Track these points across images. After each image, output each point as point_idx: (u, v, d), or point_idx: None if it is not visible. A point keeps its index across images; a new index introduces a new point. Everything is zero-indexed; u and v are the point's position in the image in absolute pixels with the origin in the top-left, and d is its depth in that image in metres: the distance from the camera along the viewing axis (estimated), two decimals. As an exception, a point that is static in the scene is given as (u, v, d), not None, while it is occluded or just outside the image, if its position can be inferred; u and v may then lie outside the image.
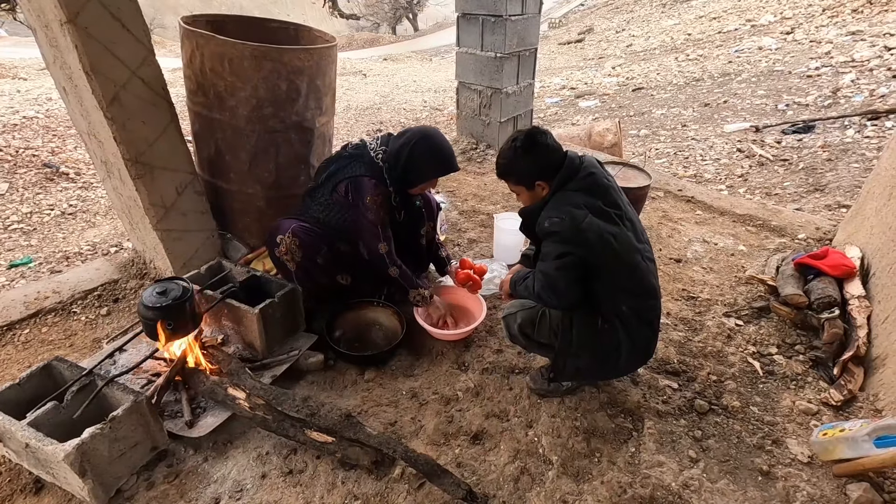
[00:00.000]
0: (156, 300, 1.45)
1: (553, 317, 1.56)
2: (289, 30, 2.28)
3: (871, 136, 4.07)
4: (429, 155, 1.77)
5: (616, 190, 1.50)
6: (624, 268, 1.43)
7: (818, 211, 3.20)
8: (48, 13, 1.55)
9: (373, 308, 2.00)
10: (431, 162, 1.77)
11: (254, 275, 1.87)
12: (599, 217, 1.40)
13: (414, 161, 1.75)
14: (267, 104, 1.92)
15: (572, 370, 1.59)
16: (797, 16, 8.25)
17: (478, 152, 3.69)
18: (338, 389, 1.72)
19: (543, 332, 1.58)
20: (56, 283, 2.11)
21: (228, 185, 2.13)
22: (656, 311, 1.52)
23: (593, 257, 1.39)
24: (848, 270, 1.97)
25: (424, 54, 14.76)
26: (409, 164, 1.76)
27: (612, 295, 1.45)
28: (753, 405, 1.66)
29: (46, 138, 5.59)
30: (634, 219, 1.52)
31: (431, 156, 1.77)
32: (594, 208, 1.41)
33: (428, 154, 1.76)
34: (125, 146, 1.73)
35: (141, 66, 1.70)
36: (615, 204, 1.46)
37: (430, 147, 1.76)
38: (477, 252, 2.51)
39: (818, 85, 5.35)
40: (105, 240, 3.85)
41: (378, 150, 1.80)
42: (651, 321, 1.51)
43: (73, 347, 1.88)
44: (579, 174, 1.45)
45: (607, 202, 1.44)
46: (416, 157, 1.75)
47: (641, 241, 1.50)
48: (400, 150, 1.76)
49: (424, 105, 7.72)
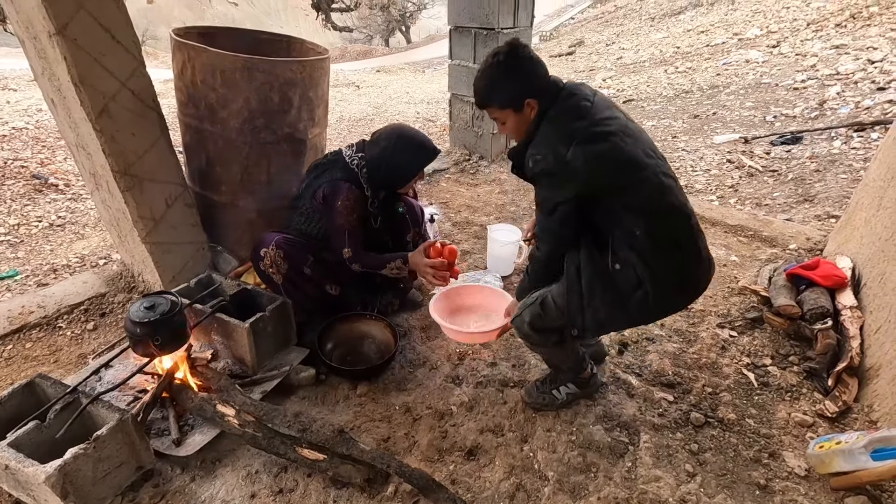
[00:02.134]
0: (143, 315, 1.42)
1: (556, 293, 1.43)
2: (281, 42, 2.28)
3: (857, 147, 4.13)
4: (411, 149, 1.82)
5: (608, 105, 1.36)
6: (628, 187, 1.27)
7: (808, 221, 3.22)
8: (36, 24, 1.53)
9: (365, 321, 1.98)
10: (415, 154, 1.82)
11: (244, 288, 1.84)
12: (588, 141, 1.26)
13: (399, 159, 1.79)
14: (259, 116, 1.91)
15: (595, 325, 1.40)
16: (782, 29, 8.41)
17: (470, 163, 3.69)
18: (330, 405, 1.69)
19: (551, 314, 1.44)
20: (41, 297, 2.07)
21: (219, 197, 2.11)
22: (686, 231, 1.33)
23: (588, 188, 1.27)
24: (839, 281, 1.98)
25: (417, 66, 14.86)
26: (396, 163, 1.80)
27: (621, 221, 1.30)
28: (749, 417, 1.65)
29: (36, 149, 5.53)
30: (638, 134, 1.35)
31: (414, 149, 1.82)
32: (581, 132, 1.27)
33: (410, 148, 1.81)
34: (114, 158, 1.71)
35: (131, 77, 1.68)
36: (605, 120, 1.30)
37: (410, 142, 1.82)
38: (471, 263, 2.50)
39: (805, 97, 5.44)
40: (94, 252, 3.79)
41: (354, 157, 1.83)
42: (678, 240, 1.33)
43: (57, 363, 1.84)
44: (561, 95, 1.33)
45: (596, 120, 1.29)
46: (400, 154, 1.79)
47: (652, 156, 1.34)
48: (382, 153, 1.79)
49: (417, 116, 7.74)
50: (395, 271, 1.85)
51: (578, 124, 1.28)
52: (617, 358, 1.90)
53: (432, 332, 2.03)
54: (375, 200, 1.90)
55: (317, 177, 1.84)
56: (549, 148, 1.28)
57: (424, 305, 2.17)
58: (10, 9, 1.63)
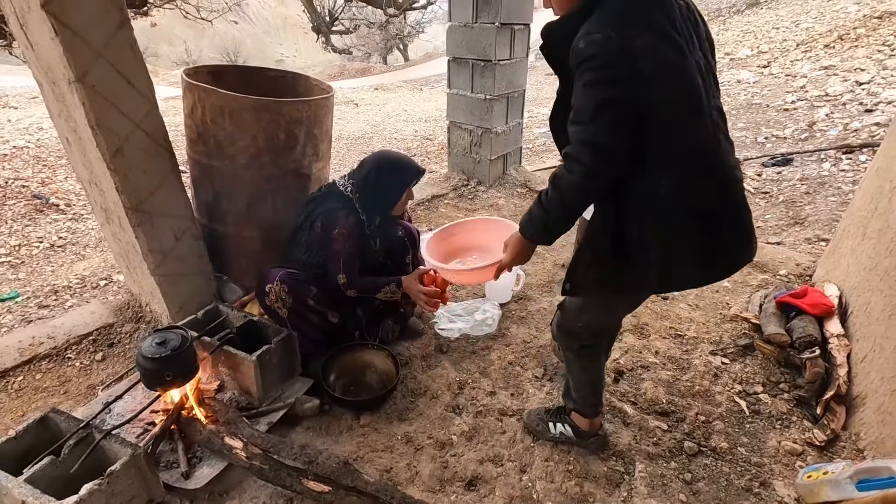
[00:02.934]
0: (155, 351, 1.47)
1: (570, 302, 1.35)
2: (286, 78, 2.36)
3: (846, 170, 4.23)
4: (393, 170, 1.92)
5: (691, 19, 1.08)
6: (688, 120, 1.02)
7: (798, 244, 3.30)
8: (56, 71, 1.61)
9: (367, 350, 2.03)
10: (398, 174, 1.93)
11: (251, 320, 1.89)
12: (663, 41, 1.00)
13: (383, 181, 1.90)
14: (265, 152, 1.98)
15: (591, 283, 1.22)
16: (773, 50, 8.60)
17: (468, 188, 3.78)
18: (333, 435, 1.73)
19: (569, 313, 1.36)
20: (51, 327, 2.12)
21: (226, 229, 2.17)
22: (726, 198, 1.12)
23: (645, 98, 0.98)
24: (826, 309, 2.04)
25: (415, 84, 15.06)
26: (381, 186, 1.90)
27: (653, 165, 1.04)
28: (741, 446, 1.70)
29: (37, 168, 5.59)
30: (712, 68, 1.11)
31: (396, 170, 1.93)
32: (657, 27, 1.00)
33: (392, 170, 1.92)
34: (126, 195, 1.77)
35: (145, 118, 1.75)
36: (688, 33, 1.04)
37: (390, 163, 1.93)
38: (469, 291, 2.56)
39: (795, 118, 5.56)
40: (95, 273, 3.84)
41: (347, 185, 1.93)
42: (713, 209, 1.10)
43: (66, 395, 1.88)
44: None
45: (676, 26, 1.02)
46: (383, 177, 1.90)
47: (713, 102, 1.09)
48: (366, 179, 1.90)
49: (415, 134, 7.86)
50: (389, 295, 1.94)
51: (662, 20, 1.01)
52: (613, 386, 1.95)
53: (433, 361, 2.08)
54: (372, 225, 1.98)
55: (315, 208, 1.93)
56: (616, 29, 0.97)
57: (425, 334, 2.23)
58: (30, 55, 1.70)
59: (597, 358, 1.48)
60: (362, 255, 1.95)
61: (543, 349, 2.15)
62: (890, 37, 7.14)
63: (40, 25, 1.50)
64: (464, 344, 2.18)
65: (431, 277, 1.96)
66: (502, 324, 2.30)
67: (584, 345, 1.42)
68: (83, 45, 1.53)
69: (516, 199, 3.73)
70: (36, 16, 1.49)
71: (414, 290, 1.91)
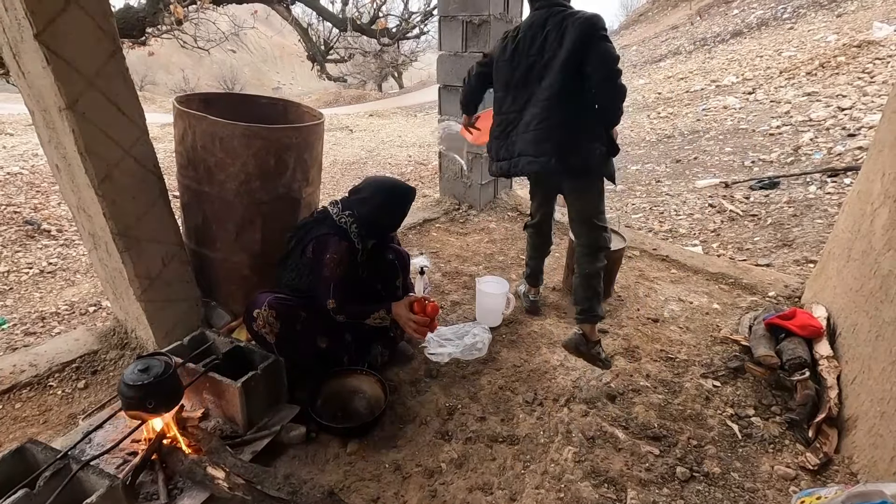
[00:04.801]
0: (137, 378, 1.44)
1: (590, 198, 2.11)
2: (277, 105, 2.40)
3: (832, 193, 4.30)
4: (393, 195, 1.95)
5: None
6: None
7: (787, 266, 3.33)
8: (48, 99, 1.63)
9: (356, 375, 2.00)
10: (398, 198, 1.96)
11: (237, 346, 1.87)
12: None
13: (385, 206, 1.93)
14: (255, 178, 2.00)
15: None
16: (757, 77, 8.84)
17: (460, 212, 3.80)
18: (320, 464, 1.70)
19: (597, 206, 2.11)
20: (34, 355, 2.08)
21: (214, 254, 2.17)
22: None
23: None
24: (815, 331, 2.05)
25: (409, 110, 15.32)
26: (382, 211, 1.93)
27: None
28: (734, 471, 1.68)
29: (30, 194, 5.59)
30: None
31: (395, 194, 1.95)
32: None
33: (392, 193, 1.95)
34: (114, 221, 1.78)
35: (134, 145, 1.77)
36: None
37: (388, 190, 1.95)
38: (460, 315, 2.55)
39: (780, 143, 5.68)
40: (84, 299, 3.81)
41: (342, 215, 1.94)
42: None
43: (46, 424, 1.84)
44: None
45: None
46: (384, 202, 1.92)
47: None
48: (364, 202, 1.92)
49: (409, 160, 7.95)
50: (378, 321, 1.92)
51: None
52: (604, 410, 1.93)
53: (422, 387, 2.06)
54: (364, 250, 1.98)
55: (306, 233, 1.93)
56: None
57: (415, 358, 2.21)
58: (22, 83, 1.72)
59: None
60: (352, 279, 1.95)
61: (534, 373, 2.14)
62: (869, 64, 7.37)
63: (33, 55, 1.53)
64: (454, 368, 2.16)
65: (421, 305, 1.94)
66: (492, 348, 2.29)
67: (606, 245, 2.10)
68: (75, 74, 1.55)
69: (507, 222, 3.76)
70: (29, 46, 1.52)
71: (403, 317, 1.90)
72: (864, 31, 8.90)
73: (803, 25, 11.45)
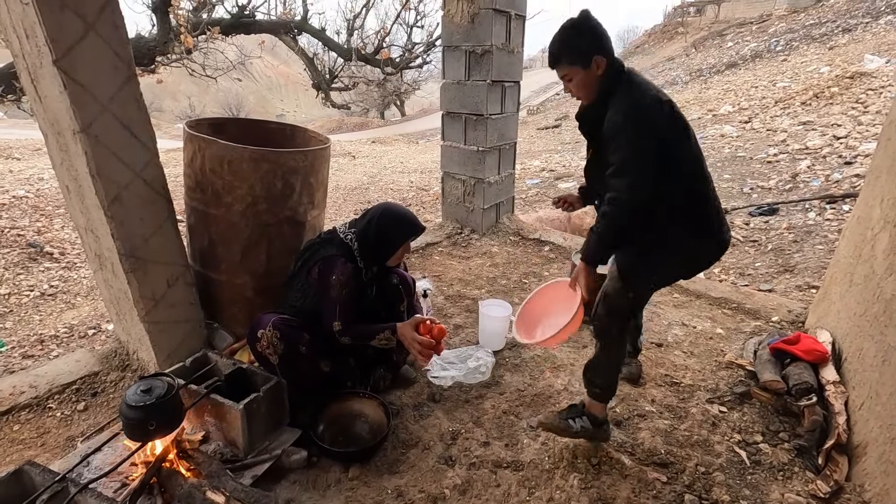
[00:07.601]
0: (139, 398, 1.43)
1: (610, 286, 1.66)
2: (285, 130, 2.45)
3: (831, 219, 4.33)
4: (395, 223, 1.94)
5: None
6: (693, 151, 1.51)
7: (790, 291, 3.33)
8: (62, 122, 1.67)
9: (358, 399, 1.98)
10: (399, 228, 1.95)
11: (239, 367, 1.86)
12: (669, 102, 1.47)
13: (383, 232, 1.92)
14: (262, 200, 2.03)
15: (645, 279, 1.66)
16: (753, 106, 9.02)
17: (462, 237, 3.83)
18: (321, 489, 1.66)
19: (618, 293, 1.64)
20: (34, 376, 2.07)
21: (219, 276, 2.18)
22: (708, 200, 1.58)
23: (669, 133, 1.45)
24: (820, 356, 2.04)
25: (411, 137, 15.59)
26: (380, 236, 1.92)
27: (679, 182, 1.49)
28: (743, 499, 1.64)
29: (34, 217, 5.64)
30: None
31: (397, 223, 1.95)
32: (660, 93, 1.47)
33: (394, 222, 1.94)
34: (121, 241, 1.79)
35: (145, 168, 1.80)
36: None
37: (393, 216, 1.95)
38: (463, 338, 2.54)
39: (778, 170, 5.75)
40: (83, 322, 3.79)
41: (348, 233, 1.95)
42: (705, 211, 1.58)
43: (44, 447, 1.81)
44: (627, 68, 1.53)
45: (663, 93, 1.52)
46: (384, 228, 1.92)
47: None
48: (367, 227, 1.93)
49: (411, 185, 8.04)
50: (383, 342, 1.90)
51: (655, 90, 1.49)
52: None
53: (425, 411, 2.04)
54: (369, 273, 1.98)
55: (312, 254, 1.94)
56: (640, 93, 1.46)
57: (417, 382, 2.19)
58: (38, 107, 1.77)
59: (626, 340, 1.83)
60: (357, 302, 1.95)
61: (538, 398, 2.11)
62: (862, 95, 7.53)
63: (51, 80, 1.58)
64: (457, 392, 2.14)
65: (427, 327, 1.91)
66: (496, 371, 2.27)
67: (623, 327, 1.72)
68: (90, 99, 1.60)
69: (509, 246, 3.78)
70: (47, 71, 1.57)
71: (409, 338, 1.86)
72: (856, 63, 9.13)
73: (796, 57, 11.76)
